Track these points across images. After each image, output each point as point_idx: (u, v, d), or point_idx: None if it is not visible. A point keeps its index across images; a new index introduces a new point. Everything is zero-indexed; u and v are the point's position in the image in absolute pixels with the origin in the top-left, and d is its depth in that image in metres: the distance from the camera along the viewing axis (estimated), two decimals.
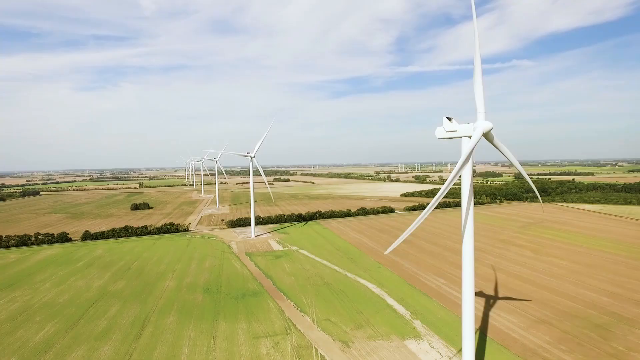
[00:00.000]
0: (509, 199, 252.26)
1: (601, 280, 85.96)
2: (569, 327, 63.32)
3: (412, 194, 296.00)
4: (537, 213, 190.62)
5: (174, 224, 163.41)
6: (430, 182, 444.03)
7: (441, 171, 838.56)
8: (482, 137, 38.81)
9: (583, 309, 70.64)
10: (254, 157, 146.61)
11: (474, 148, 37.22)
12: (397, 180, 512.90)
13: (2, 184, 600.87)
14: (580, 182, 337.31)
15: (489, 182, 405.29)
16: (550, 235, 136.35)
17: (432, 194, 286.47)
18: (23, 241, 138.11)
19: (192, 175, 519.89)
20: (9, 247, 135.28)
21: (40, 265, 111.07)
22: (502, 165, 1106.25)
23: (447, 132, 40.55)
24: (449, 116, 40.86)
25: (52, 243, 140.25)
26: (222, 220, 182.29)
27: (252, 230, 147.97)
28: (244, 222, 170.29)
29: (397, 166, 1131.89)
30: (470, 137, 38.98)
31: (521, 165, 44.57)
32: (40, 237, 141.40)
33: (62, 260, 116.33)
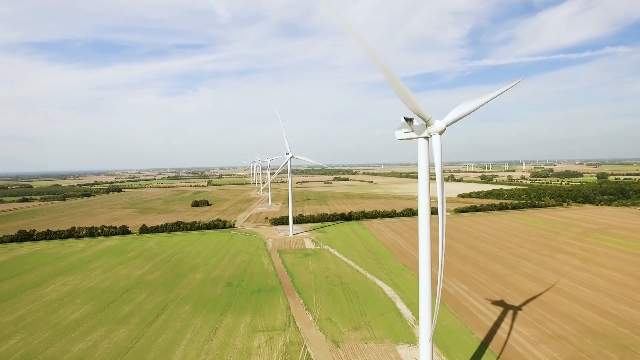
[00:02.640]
0: (579, 202, 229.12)
1: None
2: (588, 345, 57.20)
3: (470, 195, 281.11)
4: (605, 218, 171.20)
5: (221, 220, 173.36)
6: (496, 183, 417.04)
7: (513, 170, 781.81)
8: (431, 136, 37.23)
9: (614, 327, 63.18)
10: (292, 156, 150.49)
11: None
12: (460, 180, 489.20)
13: (95, 181, 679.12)
14: None
15: (562, 183, 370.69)
16: (610, 243, 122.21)
17: (491, 194, 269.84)
18: (91, 232, 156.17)
19: (255, 174, 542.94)
20: (80, 237, 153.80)
21: (98, 254, 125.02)
22: (587, 165, 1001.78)
23: (405, 133, 39.42)
24: (408, 117, 39.64)
25: (115, 235, 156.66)
26: (266, 218, 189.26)
27: (290, 228, 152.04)
28: (287, 221, 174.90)
29: (466, 165, 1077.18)
30: (426, 138, 37.63)
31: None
32: (105, 229, 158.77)
33: (117, 250, 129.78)
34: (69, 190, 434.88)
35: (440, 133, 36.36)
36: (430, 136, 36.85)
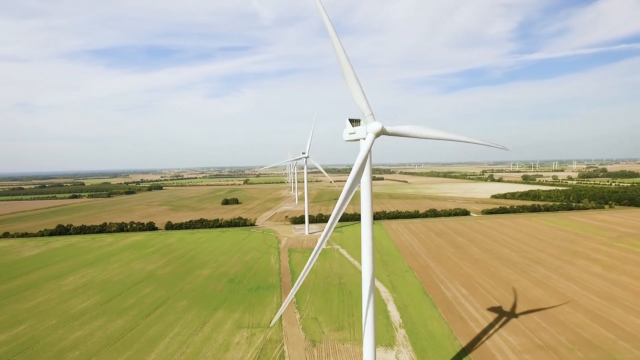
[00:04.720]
0: (623, 204, 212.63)
1: None
2: (576, 358, 53.71)
3: (504, 196, 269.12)
4: None
5: (242, 218, 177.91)
6: (537, 183, 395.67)
7: (562, 170, 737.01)
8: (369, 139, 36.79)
9: (614, 340, 58.80)
10: (308, 157, 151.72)
11: (369, 151, 35.54)
12: (500, 180, 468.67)
13: (141, 180, 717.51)
14: None
15: (612, 184, 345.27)
16: None
17: (526, 195, 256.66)
18: (121, 228, 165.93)
19: (290, 173, 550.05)
20: (110, 232, 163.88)
21: (122, 249, 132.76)
22: None
23: (349, 134, 39.23)
24: (354, 118, 39.41)
25: (142, 231, 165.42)
26: (286, 217, 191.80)
27: (306, 227, 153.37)
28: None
29: (510, 165, 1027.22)
30: (365, 139, 37.27)
31: None
32: (134, 225, 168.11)
33: (140, 245, 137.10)
34: (114, 188, 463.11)
35: (377, 135, 35.87)
36: (367, 134, 36.38)
